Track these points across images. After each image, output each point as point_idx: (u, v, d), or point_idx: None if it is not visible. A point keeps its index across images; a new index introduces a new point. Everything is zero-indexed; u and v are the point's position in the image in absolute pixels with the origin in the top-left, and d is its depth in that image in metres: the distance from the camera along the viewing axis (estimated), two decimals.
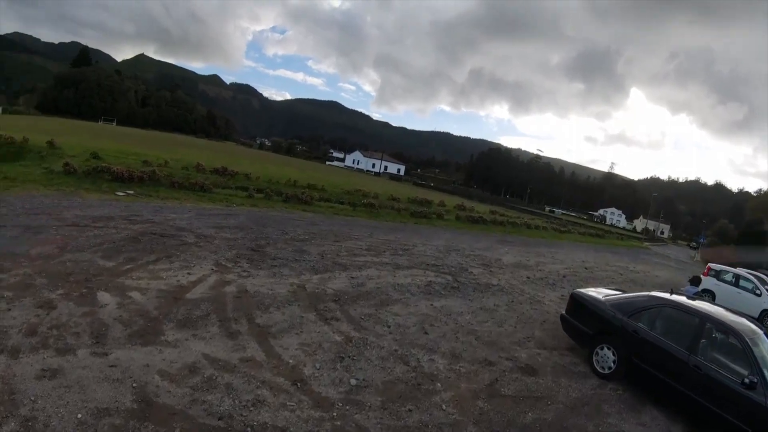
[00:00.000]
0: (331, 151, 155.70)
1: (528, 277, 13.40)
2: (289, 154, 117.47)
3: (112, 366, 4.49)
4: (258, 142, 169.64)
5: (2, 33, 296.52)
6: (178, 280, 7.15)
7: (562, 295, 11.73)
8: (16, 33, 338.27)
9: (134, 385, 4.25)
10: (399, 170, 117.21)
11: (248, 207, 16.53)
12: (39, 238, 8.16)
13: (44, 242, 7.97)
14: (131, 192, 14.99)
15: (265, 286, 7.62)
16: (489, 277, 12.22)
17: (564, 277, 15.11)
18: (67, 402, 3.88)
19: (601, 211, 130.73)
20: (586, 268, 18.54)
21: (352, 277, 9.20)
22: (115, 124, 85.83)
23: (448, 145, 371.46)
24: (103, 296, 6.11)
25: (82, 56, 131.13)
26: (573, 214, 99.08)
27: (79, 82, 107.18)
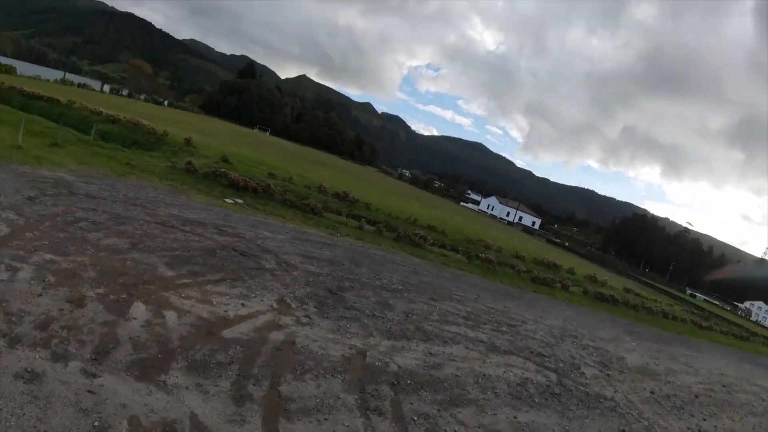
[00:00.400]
0: (469, 192, 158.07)
1: (652, 392, 10.56)
2: (426, 189, 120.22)
3: (90, 392, 4.15)
4: (398, 172, 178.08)
5: (181, 38, 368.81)
6: (225, 311, 6.87)
7: (689, 428, 9.06)
8: (192, 40, 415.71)
9: (96, 423, 3.85)
10: (534, 223, 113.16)
11: (352, 239, 16.43)
12: (119, 228, 8.82)
13: (121, 234, 8.56)
14: (240, 201, 16.09)
15: (319, 342, 6.91)
16: (604, 384, 9.85)
17: (696, 397, 11.73)
18: (24, 413, 3.66)
19: (747, 304, 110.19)
20: (723, 386, 14.52)
21: (431, 353, 8.00)
22: (269, 133, 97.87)
23: (591, 204, 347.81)
24: (138, 308, 6.05)
25: (249, 69, 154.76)
26: (716, 303, 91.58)
27: (243, 91, 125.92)
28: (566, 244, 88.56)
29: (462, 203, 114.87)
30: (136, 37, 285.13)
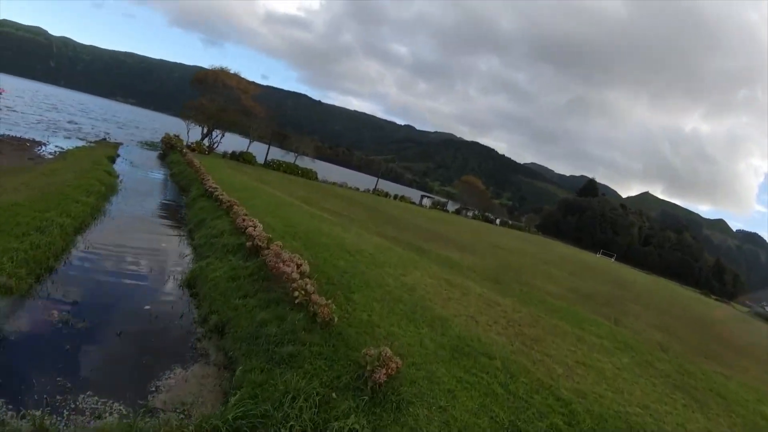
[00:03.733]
0: None
1: None
2: None
3: None
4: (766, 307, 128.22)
5: (523, 162, 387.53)
6: None
7: None
8: (533, 163, 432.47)
9: None
10: None
11: None
12: None
13: None
14: None
15: None
16: None
17: None
18: None
19: None
20: None
21: None
22: (614, 260, 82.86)
23: None
24: None
25: (590, 186, 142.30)
26: None
27: (583, 210, 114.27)
28: None
29: None
30: (481, 162, 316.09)
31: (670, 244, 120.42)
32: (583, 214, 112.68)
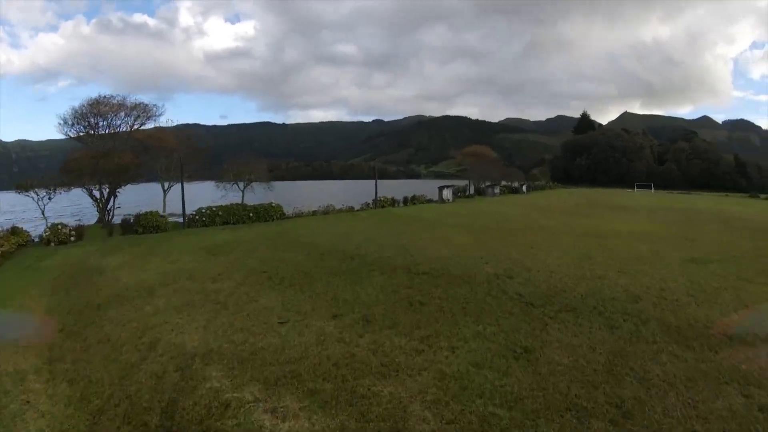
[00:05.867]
0: None
1: None
2: None
3: None
4: None
5: (498, 120, 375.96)
6: None
7: None
8: (507, 118, 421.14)
9: None
10: None
11: None
12: None
13: None
14: None
15: None
16: None
17: None
18: None
19: None
20: None
21: None
22: (653, 190, 71.16)
23: None
24: None
25: (584, 121, 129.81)
26: None
27: (590, 148, 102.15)
28: None
29: None
30: (457, 134, 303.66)
31: (685, 156, 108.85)
32: (591, 152, 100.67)
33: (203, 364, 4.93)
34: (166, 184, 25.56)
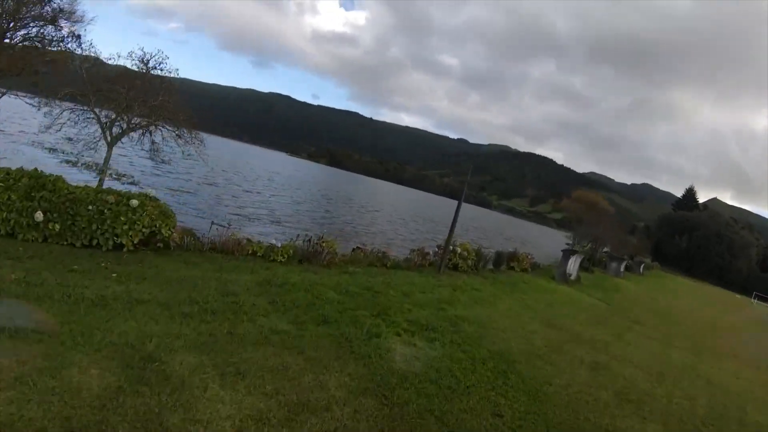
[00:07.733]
0: None
1: None
2: None
3: None
4: None
5: (581, 171, 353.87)
6: None
7: None
8: (592, 173, 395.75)
9: None
10: None
11: None
12: None
13: None
14: None
15: None
16: None
17: None
18: None
19: None
20: None
21: None
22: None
23: None
24: None
25: (689, 197, 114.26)
26: None
27: (692, 229, 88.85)
28: None
29: None
30: (539, 174, 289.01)
31: None
32: (693, 234, 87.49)
33: None
34: None
